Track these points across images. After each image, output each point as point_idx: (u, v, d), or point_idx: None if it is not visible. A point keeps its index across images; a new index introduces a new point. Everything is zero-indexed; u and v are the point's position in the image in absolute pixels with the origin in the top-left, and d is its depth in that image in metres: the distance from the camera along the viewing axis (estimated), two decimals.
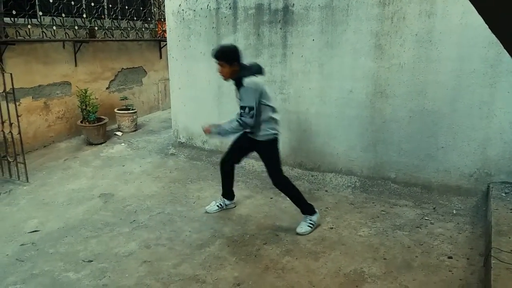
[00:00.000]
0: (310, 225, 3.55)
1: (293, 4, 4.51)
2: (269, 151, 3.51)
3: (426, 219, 3.79)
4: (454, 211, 3.92)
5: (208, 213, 3.88)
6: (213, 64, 5.11)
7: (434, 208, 4.00)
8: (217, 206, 3.92)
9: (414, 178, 4.32)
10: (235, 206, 4.02)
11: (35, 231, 3.53)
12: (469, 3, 1.16)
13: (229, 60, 3.33)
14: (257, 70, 3.39)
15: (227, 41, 4.99)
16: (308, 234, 3.50)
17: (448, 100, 4.02)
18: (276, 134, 3.47)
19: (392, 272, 2.99)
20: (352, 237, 3.48)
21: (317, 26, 4.45)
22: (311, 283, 2.86)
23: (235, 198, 4.02)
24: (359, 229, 3.61)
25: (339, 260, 3.13)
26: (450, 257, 3.18)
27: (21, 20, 5.23)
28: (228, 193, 3.94)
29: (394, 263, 3.09)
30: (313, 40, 4.50)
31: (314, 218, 3.58)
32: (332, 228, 3.63)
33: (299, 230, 3.52)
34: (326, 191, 4.43)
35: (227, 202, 3.96)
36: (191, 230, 3.57)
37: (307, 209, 3.59)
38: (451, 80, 3.97)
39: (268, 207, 4.01)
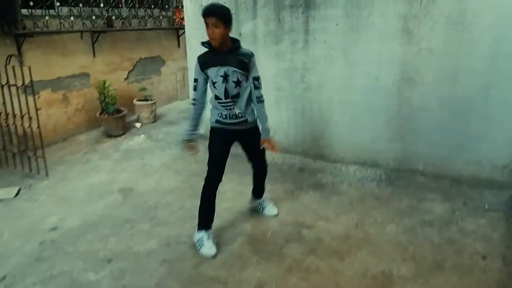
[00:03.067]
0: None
1: None
2: (259, 135, 3.20)
3: (456, 215, 3.60)
4: (486, 206, 3.71)
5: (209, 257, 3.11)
6: None
7: (464, 203, 3.79)
8: (214, 244, 3.15)
9: (443, 170, 4.11)
10: None
11: (55, 228, 3.50)
12: None
13: (226, 20, 2.79)
14: None
15: (246, 27, 4.82)
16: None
17: (481, 86, 3.77)
18: None
19: (423, 273, 2.83)
20: (379, 234, 3.33)
21: (341, 10, 4.22)
22: (337, 285, 2.73)
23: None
24: (386, 225, 3.45)
25: (366, 260, 2.98)
26: (484, 257, 3.00)
27: (38, 12, 5.16)
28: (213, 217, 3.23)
29: (424, 264, 2.93)
30: (337, 24, 4.27)
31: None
32: (358, 224, 3.47)
33: (275, 211, 3.65)
34: (350, 184, 4.26)
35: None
36: (212, 227, 3.47)
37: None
38: (485, 65, 3.71)
39: (290, 202, 3.88)
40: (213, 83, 2.99)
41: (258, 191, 3.65)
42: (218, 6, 2.87)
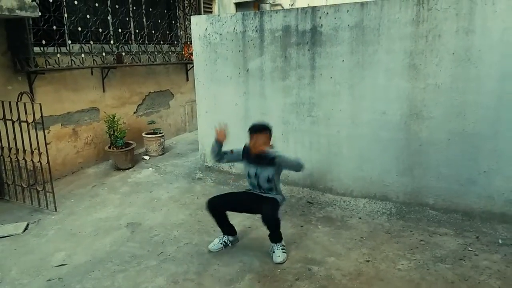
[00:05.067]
0: (284, 250, 3.50)
1: (322, 25, 4.40)
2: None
3: (469, 250, 3.54)
4: (500, 241, 3.66)
5: (211, 252, 3.60)
6: (240, 87, 5.10)
7: (477, 237, 3.74)
8: (221, 244, 3.66)
9: (454, 204, 4.08)
10: (238, 241, 3.78)
11: (62, 264, 3.48)
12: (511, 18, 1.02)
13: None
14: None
15: (253, 64, 4.91)
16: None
17: (489, 121, 3.79)
18: None
19: None
20: (391, 271, 3.27)
21: (347, 47, 4.31)
22: None
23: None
24: (397, 261, 3.40)
25: None
26: None
27: (50, 49, 5.31)
28: (228, 229, 3.70)
29: None
30: (343, 61, 4.36)
31: (283, 242, 3.56)
32: (369, 261, 3.42)
33: (279, 260, 3.41)
34: (360, 218, 4.23)
35: (231, 238, 3.70)
36: (220, 263, 3.44)
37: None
38: (493, 100, 3.75)
39: (298, 237, 3.84)
40: (248, 171, 3.58)
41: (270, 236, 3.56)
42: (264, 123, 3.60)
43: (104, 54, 6.04)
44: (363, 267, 3.33)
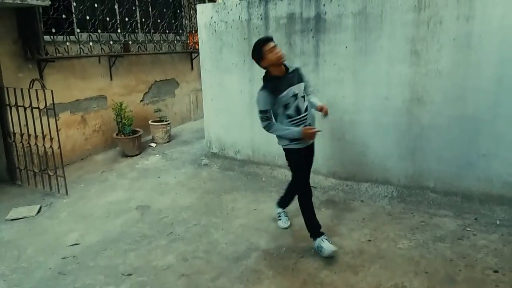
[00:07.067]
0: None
1: (325, 12, 4.48)
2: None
3: (468, 230, 3.66)
4: (498, 222, 3.77)
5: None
6: (245, 75, 5.20)
7: (476, 219, 3.85)
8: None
9: (454, 187, 4.18)
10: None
11: (76, 244, 3.62)
12: (510, 4, 1.11)
13: None
14: None
15: None
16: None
17: (489, 105, 3.88)
18: None
19: (435, 286, 2.89)
20: (392, 249, 3.39)
21: (350, 33, 4.39)
22: None
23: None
24: (398, 241, 3.52)
25: (379, 274, 3.05)
26: (496, 271, 3.05)
27: (59, 38, 5.43)
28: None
29: (436, 277, 2.99)
30: (346, 47, 4.44)
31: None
32: (370, 240, 3.55)
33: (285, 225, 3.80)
34: (362, 201, 4.35)
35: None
36: (227, 242, 3.58)
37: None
38: (492, 85, 3.83)
39: (302, 218, 3.95)
40: (285, 106, 3.21)
41: (285, 201, 3.89)
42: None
43: (111, 42, 6.15)
44: (365, 246, 3.46)
